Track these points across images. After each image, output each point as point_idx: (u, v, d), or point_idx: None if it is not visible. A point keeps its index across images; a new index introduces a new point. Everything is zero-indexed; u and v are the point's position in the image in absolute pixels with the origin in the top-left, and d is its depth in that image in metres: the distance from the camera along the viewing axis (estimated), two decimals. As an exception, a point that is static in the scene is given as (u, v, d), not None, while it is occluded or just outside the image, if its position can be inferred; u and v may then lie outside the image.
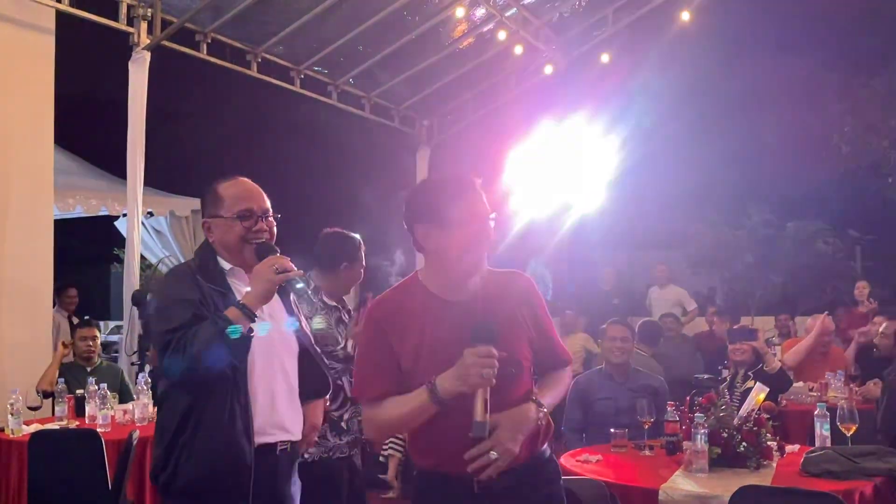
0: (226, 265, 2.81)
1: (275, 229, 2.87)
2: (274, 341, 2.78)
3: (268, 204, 2.85)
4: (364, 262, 4.27)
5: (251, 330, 2.59)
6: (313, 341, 3.05)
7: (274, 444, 2.75)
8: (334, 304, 4.09)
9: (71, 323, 8.75)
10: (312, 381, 2.96)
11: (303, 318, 3.00)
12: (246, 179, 2.89)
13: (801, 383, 6.54)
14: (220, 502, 2.67)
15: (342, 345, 4.01)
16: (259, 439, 2.68)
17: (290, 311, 2.91)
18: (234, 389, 2.63)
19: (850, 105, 15.03)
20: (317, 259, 4.16)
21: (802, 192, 13.26)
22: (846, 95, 15.09)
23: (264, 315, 2.73)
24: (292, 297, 2.92)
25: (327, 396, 3.15)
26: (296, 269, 2.70)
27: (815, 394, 6.31)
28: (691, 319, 10.71)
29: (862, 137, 14.70)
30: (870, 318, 8.11)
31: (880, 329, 6.10)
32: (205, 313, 2.62)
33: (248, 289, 2.71)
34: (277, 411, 2.77)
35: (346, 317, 4.13)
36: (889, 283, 10.01)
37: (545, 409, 2.40)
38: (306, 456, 4.04)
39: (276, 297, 2.78)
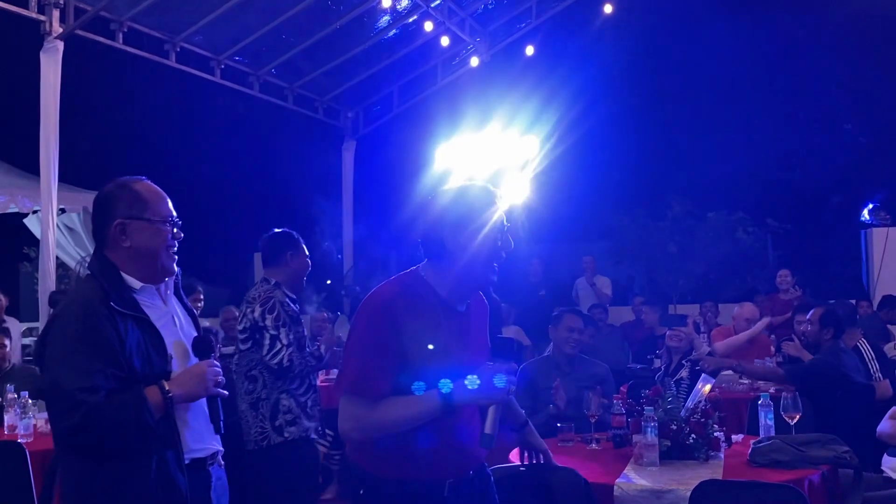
0: (135, 284, 2.51)
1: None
2: (188, 351, 2.57)
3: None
4: (307, 253, 4.51)
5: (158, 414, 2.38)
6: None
7: (204, 459, 2.55)
8: (294, 296, 4.37)
9: None
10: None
11: (190, 318, 2.74)
12: (152, 184, 2.62)
13: (729, 372, 6.64)
14: None
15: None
16: (189, 456, 2.49)
17: (187, 310, 2.72)
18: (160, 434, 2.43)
19: (760, 97, 15.49)
20: (264, 260, 4.45)
21: (721, 182, 13.59)
22: (757, 88, 15.57)
23: (174, 323, 2.58)
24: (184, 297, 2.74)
25: None
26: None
27: (745, 382, 6.41)
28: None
29: (772, 129, 15.18)
30: (792, 305, 8.34)
31: (807, 317, 6.22)
32: (122, 375, 2.36)
33: (158, 305, 2.55)
34: (200, 422, 2.56)
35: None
36: (801, 270, 10.32)
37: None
38: (286, 435, 4.15)
39: (174, 298, 2.66)
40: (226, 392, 2.55)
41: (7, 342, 6.15)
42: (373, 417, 2.32)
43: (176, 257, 2.58)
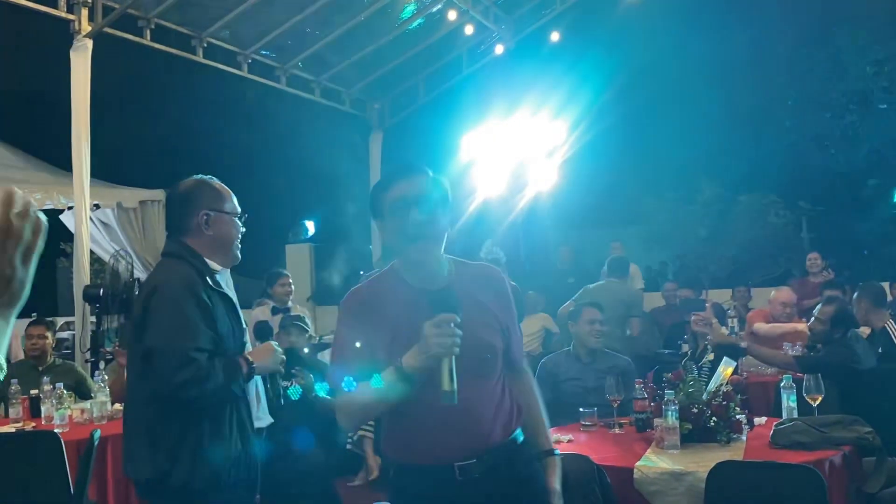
0: (216, 267, 2.88)
1: None
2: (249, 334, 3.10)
3: None
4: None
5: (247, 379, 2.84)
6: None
7: (262, 430, 3.04)
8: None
9: None
10: None
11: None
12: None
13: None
14: (237, 492, 2.80)
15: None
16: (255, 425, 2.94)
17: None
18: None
19: (792, 78, 15.29)
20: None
21: (751, 165, 13.46)
22: (789, 69, 15.36)
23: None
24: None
25: None
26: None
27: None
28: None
29: (806, 110, 14.98)
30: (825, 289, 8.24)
31: (814, 312, 6.10)
32: (218, 341, 2.76)
33: (231, 289, 2.94)
34: (261, 397, 3.07)
35: None
36: (836, 253, 10.21)
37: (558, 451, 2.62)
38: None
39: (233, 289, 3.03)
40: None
41: (49, 335, 6.28)
42: (351, 405, 2.39)
43: (239, 249, 2.96)
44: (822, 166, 14.76)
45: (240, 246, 2.95)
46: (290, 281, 7.85)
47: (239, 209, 2.94)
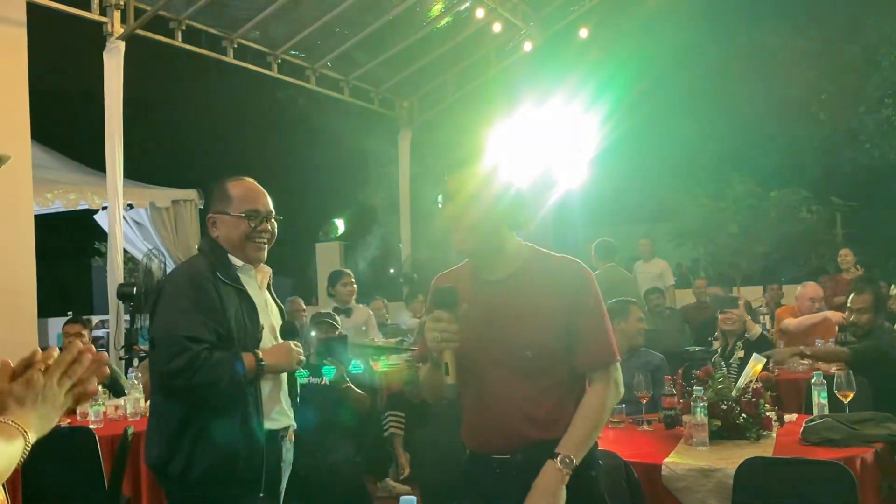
0: (237, 262, 2.95)
1: (276, 230, 3.05)
2: (276, 333, 3.02)
3: (271, 206, 3.02)
4: None
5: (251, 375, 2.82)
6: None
7: (277, 431, 2.92)
8: None
9: None
10: None
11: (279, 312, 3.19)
12: (253, 181, 3.04)
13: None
14: (236, 488, 2.80)
15: None
16: (269, 426, 2.88)
17: (275, 298, 3.17)
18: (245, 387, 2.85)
19: (826, 72, 15.09)
20: None
21: (783, 161, 13.31)
22: (823, 62, 15.15)
23: (265, 306, 3.03)
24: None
25: None
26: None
27: (806, 363, 6.32)
28: (671, 297, 10.71)
29: (838, 105, 14.77)
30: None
31: (848, 303, 6.02)
32: (222, 333, 2.79)
33: (255, 286, 2.99)
34: (280, 398, 2.97)
35: None
36: (870, 249, 10.08)
37: (562, 455, 2.28)
38: None
39: (270, 291, 3.11)
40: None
41: (85, 333, 6.38)
42: (425, 381, 2.55)
43: (263, 247, 2.99)
44: (856, 161, 14.55)
45: (261, 244, 2.98)
46: (353, 280, 7.90)
47: (252, 209, 2.96)
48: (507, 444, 2.37)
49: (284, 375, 3.01)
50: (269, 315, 3.02)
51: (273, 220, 3.03)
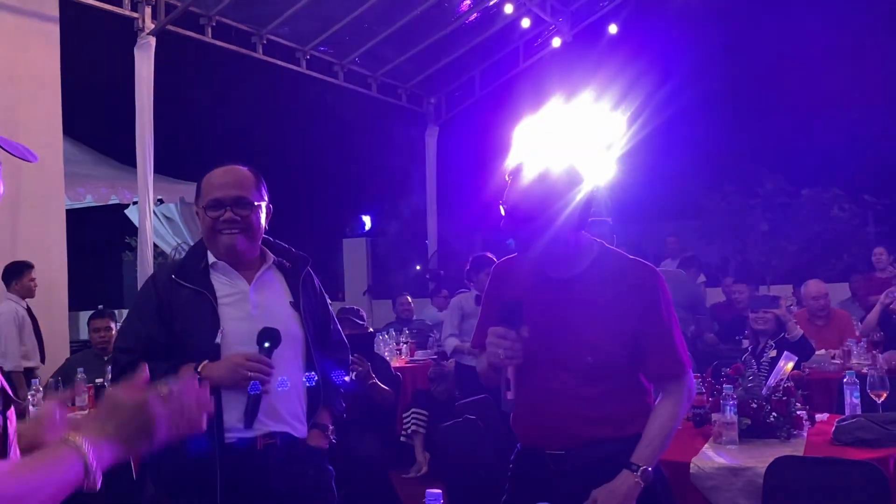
0: (211, 259, 2.70)
1: (258, 219, 2.69)
2: (253, 337, 2.61)
3: (244, 192, 2.65)
4: None
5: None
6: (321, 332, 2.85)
7: (254, 438, 2.60)
8: None
9: (30, 313, 6.91)
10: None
11: (301, 306, 2.76)
12: (230, 168, 2.72)
13: (823, 351, 6.45)
14: (193, 497, 2.62)
15: None
16: (236, 434, 2.58)
17: (295, 299, 2.75)
18: None
19: (860, 69, 14.87)
20: None
21: (815, 158, 13.14)
22: (856, 59, 14.93)
23: (246, 303, 2.68)
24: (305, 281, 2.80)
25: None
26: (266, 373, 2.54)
27: (837, 362, 6.24)
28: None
29: (873, 102, 14.55)
30: (891, 284, 8.01)
31: None
32: (161, 341, 2.58)
33: (231, 284, 2.68)
34: (268, 402, 2.60)
35: None
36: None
37: (643, 467, 2.28)
38: None
39: (276, 280, 2.76)
40: (260, 390, 2.53)
41: (112, 325, 6.44)
42: (478, 366, 2.56)
43: (234, 238, 2.63)
44: (891, 159, 14.34)
45: (231, 235, 2.63)
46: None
47: (213, 198, 2.64)
48: (562, 442, 2.37)
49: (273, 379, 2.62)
50: (252, 313, 2.66)
51: (245, 209, 2.64)
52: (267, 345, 2.57)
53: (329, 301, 2.95)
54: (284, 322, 2.67)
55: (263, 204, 2.73)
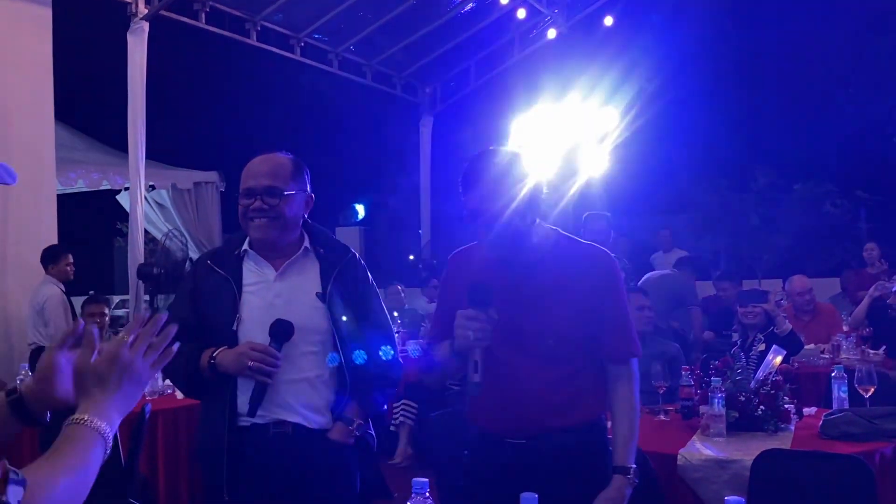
0: (245, 246, 2.76)
1: (291, 208, 2.70)
2: (266, 328, 2.65)
3: (277, 182, 2.68)
4: None
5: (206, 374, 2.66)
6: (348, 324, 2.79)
7: (265, 425, 2.65)
8: None
9: (68, 296, 7.14)
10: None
11: (329, 297, 2.73)
12: (269, 156, 2.77)
13: (812, 345, 6.48)
14: (208, 478, 2.72)
15: None
16: (249, 419, 2.64)
17: (324, 289, 2.72)
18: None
19: (854, 65, 14.89)
20: None
21: (808, 153, 13.16)
22: (851, 55, 14.96)
23: (269, 293, 2.71)
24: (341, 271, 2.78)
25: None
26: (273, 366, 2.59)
27: (826, 356, 6.26)
28: None
29: (867, 98, 14.58)
30: (880, 280, 8.05)
31: (893, 288, 6.03)
32: (193, 323, 2.66)
33: (258, 272, 2.73)
34: (278, 392, 2.65)
35: None
36: (894, 244, 9.96)
37: (632, 467, 2.39)
38: None
39: (308, 269, 2.75)
40: (268, 380, 2.59)
41: (106, 310, 6.43)
42: (434, 358, 2.53)
43: (261, 226, 2.68)
44: (884, 155, 14.37)
45: (258, 224, 2.67)
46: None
47: (247, 186, 2.70)
48: (523, 429, 2.40)
49: (287, 368, 2.64)
50: (273, 304, 2.68)
51: (274, 197, 2.67)
52: (271, 339, 2.61)
53: (380, 297, 2.86)
54: (305, 313, 2.68)
55: (302, 193, 2.77)
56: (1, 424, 1.40)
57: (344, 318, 2.72)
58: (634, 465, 2.39)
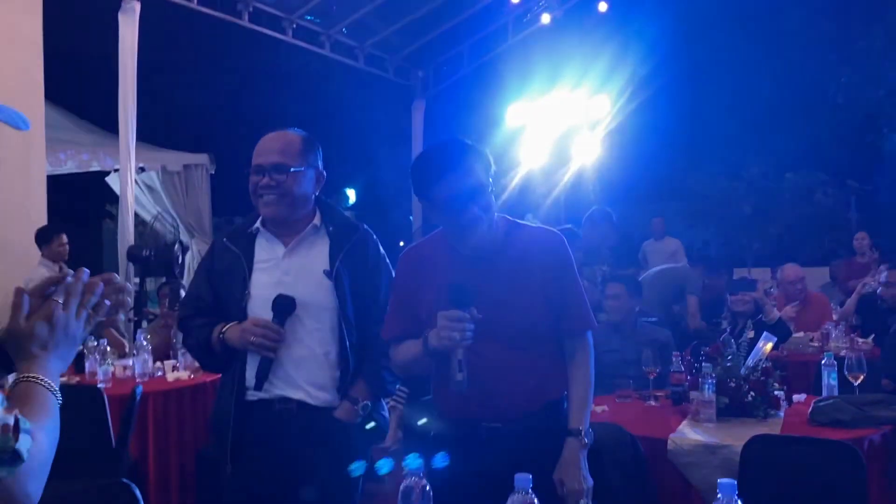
0: (258, 224, 2.80)
1: (300, 185, 2.72)
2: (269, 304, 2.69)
3: (285, 159, 2.70)
4: None
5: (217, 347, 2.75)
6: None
7: (270, 400, 2.71)
8: None
9: None
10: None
11: (336, 275, 2.74)
12: (279, 133, 2.78)
13: (801, 333, 6.51)
14: (216, 449, 2.79)
15: None
16: (257, 394, 2.71)
17: (332, 266, 2.73)
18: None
19: (846, 55, 14.91)
20: None
21: (800, 142, 13.19)
22: (843, 45, 14.97)
23: (278, 270, 2.75)
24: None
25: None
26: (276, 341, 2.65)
27: (816, 344, 6.28)
28: None
29: (858, 88, 14.60)
30: (871, 269, 8.08)
31: (881, 278, 6.05)
32: (206, 296, 2.81)
33: (269, 249, 2.78)
34: (283, 368, 2.70)
35: None
36: (886, 233, 10.01)
37: (582, 428, 2.45)
38: None
39: (318, 246, 2.77)
40: (270, 354, 2.66)
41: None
42: (395, 357, 2.56)
43: (270, 203, 2.71)
44: (874, 145, 14.41)
45: (267, 200, 2.70)
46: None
47: (256, 163, 2.73)
48: (496, 414, 2.44)
49: (297, 345, 2.69)
50: (282, 280, 2.71)
51: (281, 174, 2.68)
52: (273, 315, 2.66)
53: (391, 276, 2.82)
54: (313, 290, 2.72)
55: (312, 170, 2.79)
56: None
57: (351, 296, 2.74)
58: (587, 428, 2.46)
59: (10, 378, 1.42)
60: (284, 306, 2.66)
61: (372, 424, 2.79)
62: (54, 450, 1.35)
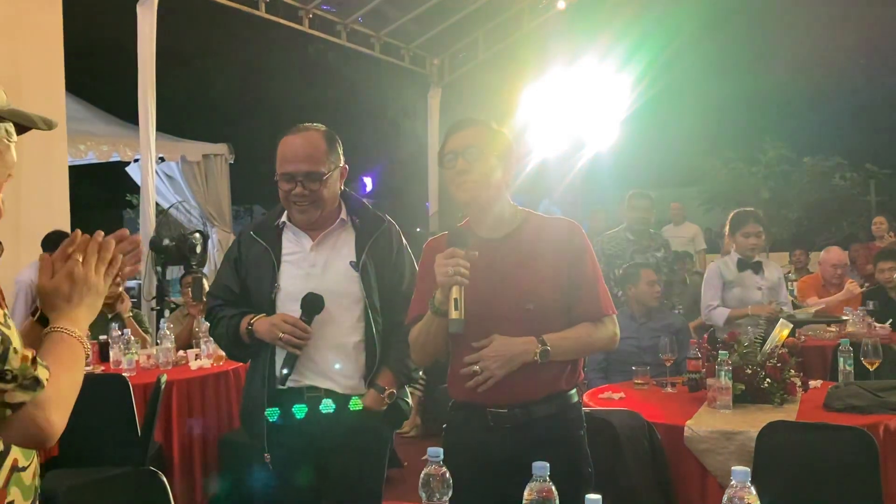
0: (284, 218, 2.88)
1: (330, 188, 2.80)
2: (320, 292, 2.77)
3: (316, 166, 2.75)
4: None
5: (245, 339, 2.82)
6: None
7: (300, 389, 2.80)
8: None
9: None
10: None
11: (362, 267, 2.83)
12: (303, 134, 2.81)
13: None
14: (251, 437, 2.90)
15: None
16: (288, 384, 2.80)
17: (357, 259, 2.81)
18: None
19: (865, 39, 14.77)
20: None
21: (818, 126, 13.09)
22: (862, 29, 14.82)
23: (306, 264, 2.83)
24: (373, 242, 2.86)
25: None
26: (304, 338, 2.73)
27: (833, 329, 6.28)
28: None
29: (877, 71, 14.46)
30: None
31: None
32: (236, 291, 2.88)
33: (296, 242, 2.85)
34: (312, 358, 2.79)
35: None
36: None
37: (546, 347, 2.40)
38: None
39: (344, 238, 2.85)
40: (297, 351, 2.74)
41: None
42: (410, 338, 2.57)
43: (304, 210, 2.79)
44: (893, 128, 14.29)
45: (301, 208, 2.78)
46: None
47: (285, 171, 2.76)
48: (505, 398, 2.46)
49: (327, 336, 2.77)
50: (309, 274, 2.80)
51: (312, 182, 2.74)
52: (301, 312, 2.73)
53: (415, 265, 2.90)
54: (340, 282, 2.81)
55: (337, 169, 2.85)
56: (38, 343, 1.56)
57: (377, 287, 2.82)
58: (549, 349, 2.39)
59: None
60: (313, 305, 2.73)
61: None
62: (77, 387, 1.51)
